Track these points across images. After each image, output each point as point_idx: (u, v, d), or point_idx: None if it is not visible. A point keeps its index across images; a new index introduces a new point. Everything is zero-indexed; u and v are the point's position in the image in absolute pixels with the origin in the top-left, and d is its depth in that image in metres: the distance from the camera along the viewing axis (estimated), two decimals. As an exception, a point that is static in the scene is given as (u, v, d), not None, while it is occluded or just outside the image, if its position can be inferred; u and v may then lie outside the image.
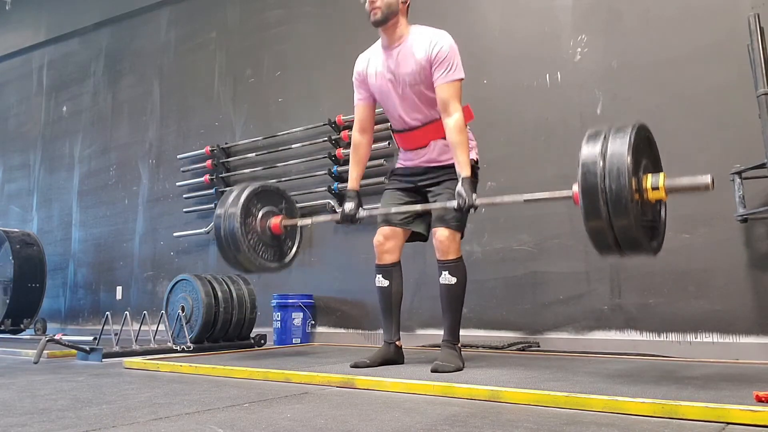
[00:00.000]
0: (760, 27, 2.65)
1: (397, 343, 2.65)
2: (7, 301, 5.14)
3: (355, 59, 2.73)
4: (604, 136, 1.86)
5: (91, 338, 3.47)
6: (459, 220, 2.48)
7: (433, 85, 2.49)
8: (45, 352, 3.11)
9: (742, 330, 2.91)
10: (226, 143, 4.95)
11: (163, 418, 1.56)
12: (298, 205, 4.40)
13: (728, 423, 1.43)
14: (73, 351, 3.16)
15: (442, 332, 2.54)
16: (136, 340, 3.32)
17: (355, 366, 2.46)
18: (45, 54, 6.67)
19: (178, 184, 5.18)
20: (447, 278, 2.47)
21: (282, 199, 2.96)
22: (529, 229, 3.54)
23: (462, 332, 2.56)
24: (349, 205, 2.61)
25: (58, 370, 2.75)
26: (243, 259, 2.73)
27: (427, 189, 2.62)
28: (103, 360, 3.07)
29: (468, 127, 2.58)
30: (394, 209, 2.57)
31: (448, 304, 2.50)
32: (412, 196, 2.66)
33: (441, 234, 2.47)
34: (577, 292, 3.33)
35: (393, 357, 2.62)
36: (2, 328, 5.12)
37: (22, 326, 5.22)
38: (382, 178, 4.01)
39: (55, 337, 3.18)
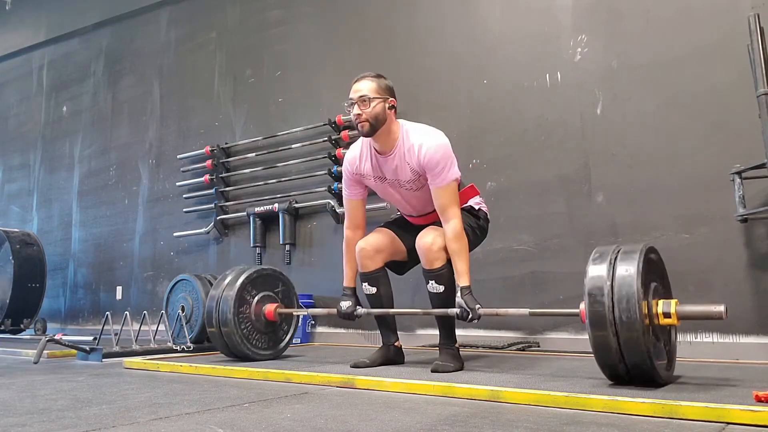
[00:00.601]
0: (760, 27, 2.65)
1: (396, 343, 2.65)
2: (7, 301, 5.13)
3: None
4: (610, 260, 1.83)
5: (91, 338, 3.47)
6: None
7: (427, 187, 2.44)
8: (45, 352, 3.11)
9: (742, 330, 2.90)
10: (226, 143, 4.95)
11: (163, 418, 1.56)
12: (298, 205, 4.45)
13: (728, 423, 1.43)
14: (73, 351, 3.16)
15: (438, 336, 2.54)
16: (136, 340, 3.32)
17: (355, 366, 2.46)
18: (45, 54, 6.67)
19: (178, 184, 5.18)
20: (434, 287, 2.43)
21: (278, 282, 2.96)
22: (529, 229, 3.54)
23: (462, 332, 2.56)
24: (346, 304, 2.59)
25: (58, 370, 2.75)
26: (234, 349, 2.76)
27: None
28: (103, 360, 3.07)
29: (474, 188, 2.63)
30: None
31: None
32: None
33: (426, 237, 2.42)
34: (577, 292, 3.31)
35: (393, 357, 2.62)
36: (2, 328, 5.12)
37: (22, 326, 5.22)
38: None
39: (55, 337, 3.18)
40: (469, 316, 2.27)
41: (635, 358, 1.77)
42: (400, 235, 2.66)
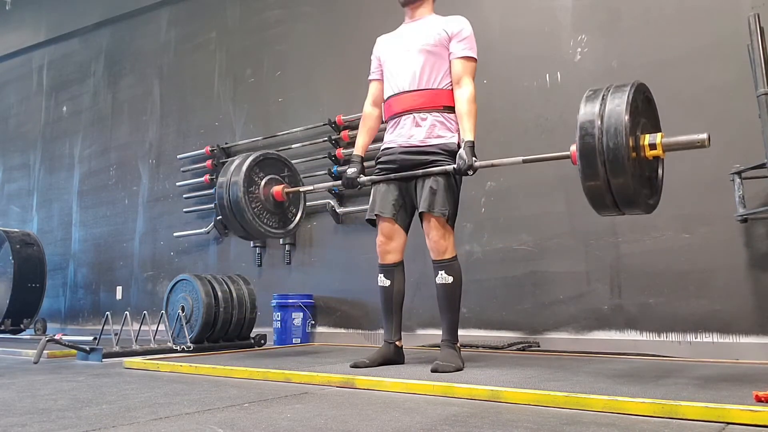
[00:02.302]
0: (760, 27, 2.65)
1: (397, 343, 2.65)
2: (7, 301, 5.13)
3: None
4: (603, 96, 1.88)
5: (91, 338, 3.47)
6: (445, 204, 2.46)
7: (442, 57, 2.57)
8: (45, 352, 3.11)
9: (742, 330, 2.91)
10: (226, 143, 4.95)
11: (163, 418, 1.56)
12: (298, 205, 4.44)
13: (728, 423, 1.43)
14: (73, 351, 3.16)
15: (441, 332, 2.54)
16: (136, 340, 3.32)
17: (355, 366, 2.46)
18: (45, 54, 6.67)
19: (178, 184, 5.18)
20: (443, 277, 2.48)
21: (285, 167, 3.00)
22: (529, 229, 3.54)
23: (462, 332, 2.56)
24: (352, 170, 2.69)
25: (58, 370, 2.75)
26: (248, 226, 2.78)
27: (415, 180, 2.57)
28: (103, 360, 3.07)
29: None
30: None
31: (446, 304, 2.51)
32: (398, 188, 2.62)
33: (435, 234, 2.48)
34: (577, 292, 3.33)
35: (393, 357, 2.62)
36: (2, 328, 5.12)
37: (22, 326, 5.22)
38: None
39: (55, 337, 3.19)
40: (466, 164, 2.37)
41: (620, 180, 1.81)
42: (396, 217, 2.62)
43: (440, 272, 2.48)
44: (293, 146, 4.53)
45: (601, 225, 3.32)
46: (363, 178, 2.67)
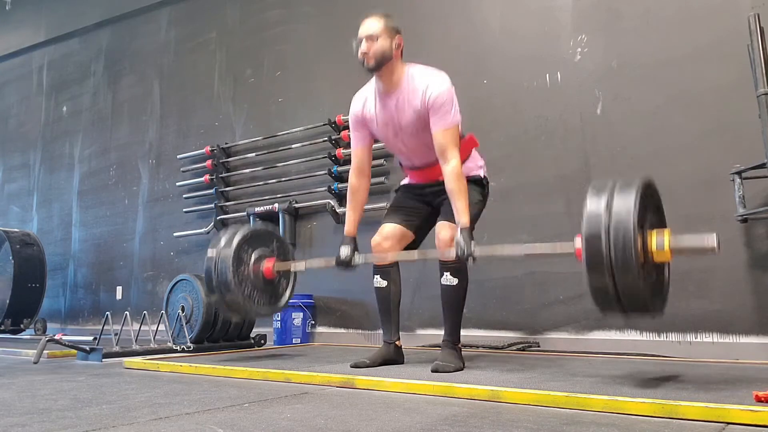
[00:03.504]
0: (760, 27, 2.65)
1: (396, 343, 2.65)
2: (7, 301, 5.13)
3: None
4: (609, 192, 1.83)
5: (91, 338, 3.47)
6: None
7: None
8: (45, 352, 3.11)
9: (742, 330, 2.90)
10: (226, 143, 4.95)
11: (163, 418, 1.56)
12: (298, 205, 4.44)
13: (728, 423, 1.43)
14: (73, 351, 3.16)
15: (442, 332, 2.54)
16: (136, 340, 3.32)
17: (355, 366, 2.46)
18: (45, 54, 6.67)
19: (178, 184, 5.18)
20: (448, 279, 2.45)
21: (273, 239, 2.94)
22: (529, 229, 3.54)
23: (462, 332, 2.56)
24: (345, 251, 2.58)
25: (58, 370, 2.75)
26: (237, 308, 2.76)
27: (438, 200, 2.62)
28: (103, 360, 3.07)
29: (475, 151, 2.66)
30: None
31: (449, 305, 2.50)
32: (421, 206, 2.68)
33: (444, 234, 2.45)
34: (577, 292, 3.33)
35: (393, 357, 2.62)
36: (2, 328, 5.12)
37: (22, 326, 5.22)
38: (382, 178, 4.02)
39: (55, 337, 3.18)
40: (465, 253, 2.28)
41: (627, 284, 1.77)
42: (405, 222, 2.66)
43: (446, 273, 2.46)
44: (293, 146, 4.53)
45: (601, 225, 3.32)
46: (358, 259, 2.58)
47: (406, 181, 2.81)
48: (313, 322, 4.26)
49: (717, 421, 1.44)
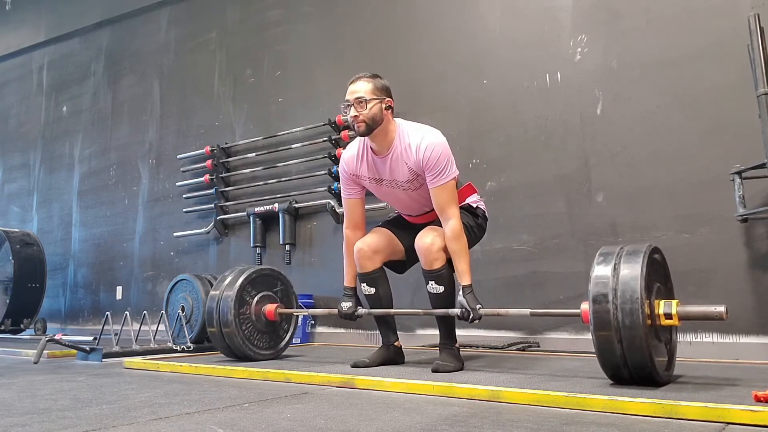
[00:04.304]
0: (760, 27, 2.65)
1: (396, 343, 2.65)
2: (7, 301, 5.13)
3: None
4: (616, 259, 1.84)
5: (91, 338, 3.47)
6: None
7: (425, 186, 2.43)
8: (45, 352, 3.11)
9: (742, 330, 2.90)
10: (226, 143, 4.95)
11: (163, 418, 1.56)
12: (298, 205, 4.45)
13: (728, 423, 1.43)
14: (73, 351, 3.16)
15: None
16: (136, 340, 3.32)
17: (355, 366, 2.46)
18: (45, 54, 6.67)
19: (178, 184, 5.18)
20: (434, 287, 2.41)
21: (277, 282, 2.97)
22: (529, 229, 3.54)
23: (462, 332, 2.56)
24: (347, 304, 2.59)
25: (58, 370, 2.75)
26: (236, 349, 2.77)
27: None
28: (103, 360, 3.07)
29: (474, 191, 2.64)
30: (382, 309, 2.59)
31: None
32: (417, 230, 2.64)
33: (423, 242, 2.39)
34: (577, 292, 3.33)
35: (393, 357, 2.62)
36: (2, 328, 5.12)
37: (22, 326, 5.22)
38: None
39: (55, 337, 3.18)
40: (471, 316, 2.27)
41: (637, 359, 1.77)
42: (398, 235, 2.66)
43: (431, 282, 2.42)
44: (293, 146, 4.53)
45: (601, 225, 3.32)
46: (361, 311, 2.58)
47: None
48: (313, 322, 4.26)
49: (717, 421, 1.44)
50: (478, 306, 2.27)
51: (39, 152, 6.50)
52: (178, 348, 3.34)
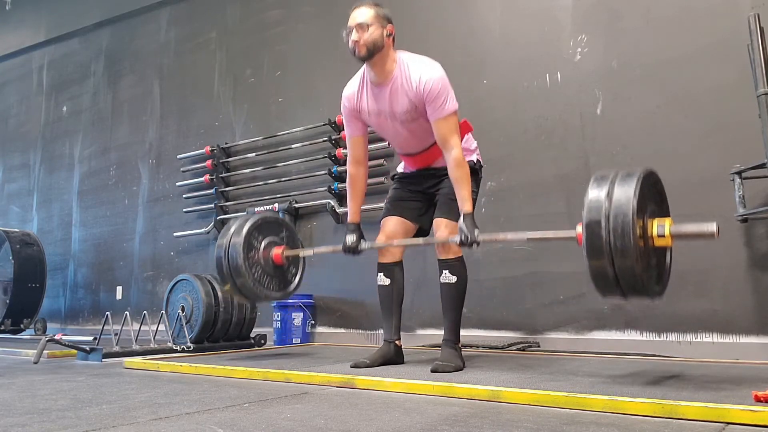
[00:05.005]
0: (760, 27, 2.65)
1: (397, 342, 2.65)
2: (7, 301, 5.13)
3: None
4: (611, 181, 1.84)
5: (91, 338, 3.46)
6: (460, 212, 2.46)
7: (426, 119, 2.45)
8: (45, 352, 3.11)
9: (742, 330, 2.91)
10: (226, 143, 4.95)
11: (163, 418, 1.56)
12: (298, 205, 4.45)
13: (728, 423, 1.43)
14: (73, 351, 3.16)
15: (442, 332, 2.54)
16: (136, 340, 3.32)
17: (355, 366, 2.46)
18: (45, 54, 6.67)
19: (178, 184, 5.18)
20: (447, 277, 2.46)
21: (282, 228, 2.97)
22: (529, 229, 3.52)
23: (462, 332, 2.56)
24: (350, 238, 2.60)
25: (58, 370, 2.75)
26: (248, 292, 2.77)
27: (434, 191, 2.64)
28: (103, 360, 3.07)
29: (469, 134, 2.64)
30: (396, 242, 2.59)
31: (449, 303, 2.50)
32: (418, 197, 2.68)
33: (441, 233, 2.47)
34: (577, 292, 3.33)
35: (393, 357, 2.61)
36: (2, 328, 5.12)
37: (22, 326, 5.22)
38: (382, 178, 4.02)
39: (55, 337, 3.18)
40: (469, 240, 2.29)
41: (626, 267, 1.78)
42: (406, 215, 2.67)
43: (444, 271, 2.47)
44: (293, 146, 4.53)
45: (601, 225, 3.32)
46: (364, 245, 2.59)
47: (400, 168, 2.80)
48: (313, 322, 4.26)
49: (717, 421, 1.44)
50: (477, 231, 2.30)
51: (39, 152, 6.50)
52: (178, 348, 3.34)
